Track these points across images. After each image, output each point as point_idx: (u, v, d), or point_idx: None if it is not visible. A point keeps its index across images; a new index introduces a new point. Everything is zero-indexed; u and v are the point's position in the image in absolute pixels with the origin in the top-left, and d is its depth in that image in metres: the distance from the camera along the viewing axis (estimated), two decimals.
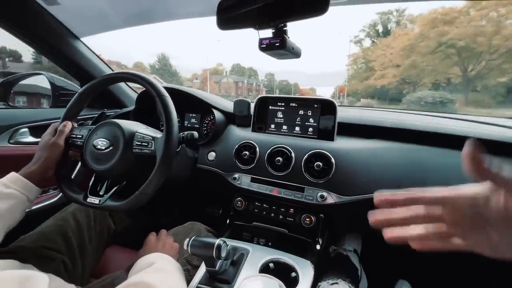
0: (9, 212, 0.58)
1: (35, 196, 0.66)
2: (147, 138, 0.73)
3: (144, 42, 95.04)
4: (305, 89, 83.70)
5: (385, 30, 29.49)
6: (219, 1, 0.74)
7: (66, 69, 1.10)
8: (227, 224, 0.97)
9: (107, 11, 1.03)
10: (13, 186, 0.61)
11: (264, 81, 72.15)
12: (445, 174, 0.77)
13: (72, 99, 0.80)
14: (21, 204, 0.61)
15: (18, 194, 0.61)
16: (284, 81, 77.20)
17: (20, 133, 0.97)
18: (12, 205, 0.59)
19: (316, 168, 0.83)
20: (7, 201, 0.58)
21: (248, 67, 72.73)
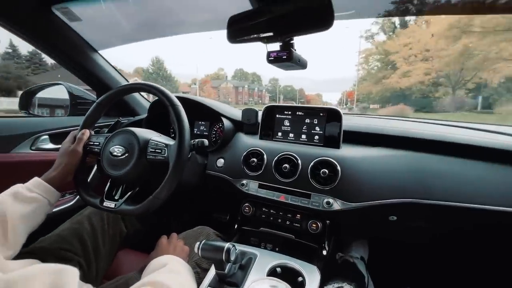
0: (32, 215, 0.62)
1: (56, 200, 0.70)
2: (160, 145, 0.77)
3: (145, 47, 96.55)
4: (311, 95, 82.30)
5: (402, 22, 23.62)
6: (229, 16, 0.78)
7: (84, 79, 1.17)
8: (235, 229, 0.99)
9: (124, 26, 1.09)
10: (36, 191, 0.65)
11: (268, 86, 71.41)
12: (450, 182, 0.79)
13: (91, 108, 0.85)
14: (43, 207, 0.65)
15: (40, 198, 0.65)
16: (289, 86, 76.26)
17: (41, 140, 1.02)
18: (35, 208, 0.63)
19: (322, 175, 0.85)
20: (31, 204, 0.63)
21: (252, 72, 72.22)
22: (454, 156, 0.83)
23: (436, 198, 0.77)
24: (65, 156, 0.75)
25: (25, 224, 0.61)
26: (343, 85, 69.39)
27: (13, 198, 0.61)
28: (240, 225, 1.00)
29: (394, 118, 1.23)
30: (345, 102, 45.43)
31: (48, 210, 0.68)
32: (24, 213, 0.60)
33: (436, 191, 0.78)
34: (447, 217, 0.82)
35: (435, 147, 0.85)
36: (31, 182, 0.66)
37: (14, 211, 0.59)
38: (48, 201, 0.66)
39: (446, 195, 0.77)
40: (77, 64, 1.08)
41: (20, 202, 0.61)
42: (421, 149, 0.87)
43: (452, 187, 0.78)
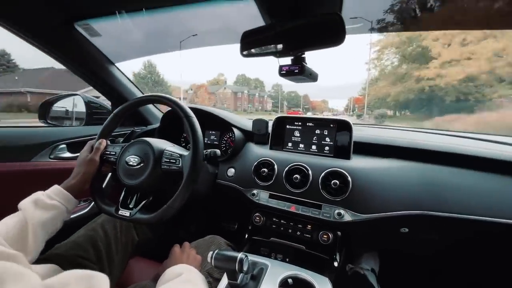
0: (51, 221, 0.65)
1: (73, 208, 0.72)
2: (175, 155, 0.79)
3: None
4: (316, 101, 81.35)
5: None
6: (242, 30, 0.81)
7: (101, 90, 1.22)
8: (245, 239, 1.00)
9: (139, 40, 1.15)
10: (56, 198, 0.67)
11: (271, 92, 70.20)
12: (463, 194, 0.78)
13: (108, 119, 0.88)
14: (61, 214, 0.68)
15: (59, 205, 0.67)
16: (293, 92, 74.67)
17: (59, 149, 1.06)
18: (54, 215, 0.65)
19: (333, 186, 0.86)
20: (50, 211, 0.65)
21: (254, 78, 71.19)
22: (466, 168, 0.82)
23: (448, 210, 0.76)
24: (83, 165, 0.77)
25: (45, 230, 0.63)
26: (350, 92, 68.34)
27: (34, 205, 0.63)
28: (251, 235, 1.00)
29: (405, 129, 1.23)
30: (352, 108, 43.98)
31: (65, 217, 0.70)
32: (44, 220, 0.62)
33: (448, 203, 0.77)
34: (460, 229, 0.81)
35: (446, 159, 0.85)
36: (51, 189, 0.69)
37: (35, 217, 0.61)
38: (66, 209, 0.69)
39: (458, 207, 0.76)
40: (95, 76, 1.12)
41: (40, 209, 0.63)
42: (432, 161, 0.87)
43: (464, 199, 0.77)
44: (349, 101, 53.85)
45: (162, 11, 0.87)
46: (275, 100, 67.31)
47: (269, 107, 62.04)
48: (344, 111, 56.29)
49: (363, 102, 37.54)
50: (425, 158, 0.88)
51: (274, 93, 70.62)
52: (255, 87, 67.15)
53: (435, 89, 14.34)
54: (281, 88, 71.87)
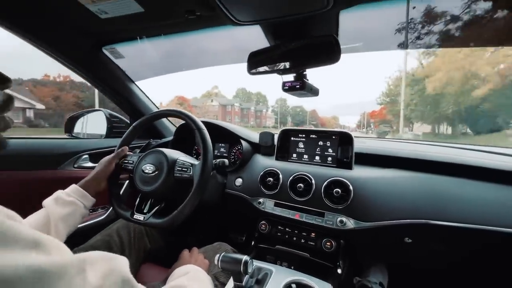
0: (70, 216, 0.71)
1: (90, 205, 0.79)
2: (187, 164, 0.86)
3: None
4: (326, 118, 77.14)
5: None
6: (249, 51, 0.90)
7: (122, 106, 1.33)
8: (251, 246, 1.03)
9: (158, 61, 1.27)
10: (73, 195, 0.75)
11: (274, 107, 67.15)
12: (464, 204, 0.80)
13: (127, 131, 0.97)
14: (79, 210, 0.74)
15: (77, 202, 0.74)
16: (298, 107, 69.79)
17: (82, 159, 1.16)
18: (72, 211, 0.72)
19: (335, 195, 0.89)
20: (69, 206, 0.72)
21: (256, 92, 67.85)
22: (467, 178, 0.84)
23: (450, 219, 0.78)
24: (100, 165, 0.86)
25: (65, 223, 0.69)
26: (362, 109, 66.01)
27: (54, 202, 0.71)
28: (257, 243, 1.03)
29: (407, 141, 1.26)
30: (365, 124, 41.13)
31: (84, 213, 0.76)
32: (64, 214, 0.70)
33: (449, 213, 0.79)
34: (463, 239, 0.81)
35: (447, 169, 0.88)
36: (70, 188, 0.77)
37: (56, 212, 0.68)
38: (83, 205, 0.75)
39: (460, 217, 0.78)
40: (117, 93, 1.24)
41: (60, 205, 0.71)
42: (433, 171, 0.90)
43: (466, 209, 0.79)
44: (361, 117, 50.24)
45: (178, 35, 0.98)
46: (280, 116, 63.45)
47: (270, 123, 58.00)
48: (357, 127, 53.76)
49: (380, 115, 33.67)
50: (427, 168, 0.91)
51: (277, 108, 67.22)
52: (257, 102, 64.04)
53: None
54: (285, 102, 68.29)
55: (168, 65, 1.34)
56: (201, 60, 1.29)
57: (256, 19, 0.76)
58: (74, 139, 1.34)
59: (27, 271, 0.24)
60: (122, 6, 0.74)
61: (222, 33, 0.95)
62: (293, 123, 65.99)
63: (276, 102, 71.15)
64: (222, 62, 1.25)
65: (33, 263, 0.25)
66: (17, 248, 0.25)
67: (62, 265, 0.27)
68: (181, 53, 1.18)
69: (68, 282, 0.27)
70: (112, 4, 0.73)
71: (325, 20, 0.77)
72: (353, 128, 53.34)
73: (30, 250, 0.26)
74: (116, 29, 0.93)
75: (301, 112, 69.86)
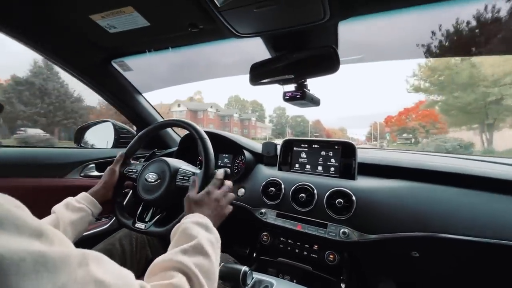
0: (79, 222, 0.73)
1: (98, 212, 0.80)
2: (188, 173, 0.87)
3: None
4: (332, 129, 71.39)
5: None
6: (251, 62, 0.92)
7: (129, 116, 1.37)
8: (253, 258, 1.01)
9: (164, 73, 1.32)
10: (83, 202, 0.77)
11: (272, 117, 62.22)
12: (471, 215, 0.76)
13: (133, 140, 0.99)
14: (87, 217, 0.76)
15: (86, 208, 0.76)
16: (299, 117, 61.92)
17: (88, 168, 1.19)
18: (81, 216, 0.74)
19: (338, 205, 0.87)
20: (78, 213, 0.74)
21: (252, 100, 62.13)
22: (475, 189, 0.81)
23: (457, 232, 0.75)
24: (106, 175, 0.88)
25: (73, 229, 0.71)
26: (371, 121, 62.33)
27: (65, 207, 0.73)
28: (258, 255, 1.01)
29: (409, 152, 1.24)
30: (376, 135, 35.03)
31: (91, 220, 0.78)
32: (73, 220, 0.71)
33: (456, 225, 0.76)
34: (474, 254, 0.77)
35: (454, 180, 0.85)
36: (80, 195, 0.79)
37: (65, 217, 0.70)
38: (91, 212, 0.77)
39: (469, 230, 0.74)
40: (125, 104, 1.28)
41: (70, 211, 0.73)
42: (440, 182, 0.87)
43: (475, 221, 0.75)
44: (371, 128, 44.22)
45: (183, 48, 1.02)
46: (278, 126, 57.90)
47: (262, 134, 49.82)
48: (367, 140, 49.02)
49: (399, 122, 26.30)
50: (432, 179, 0.88)
51: (276, 118, 61.96)
52: (252, 111, 58.24)
53: None
54: (284, 112, 61.82)
55: (174, 77, 1.38)
56: (206, 72, 1.33)
57: (256, 32, 0.79)
58: (81, 148, 1.38)
59: (29, 255, 0.25)
60: (130, 21, 0.78)
61: (225, 45, 0.98)
62: (293, 134, 59.59)
63: (274, 111, 65.02)
64: (227, 74, 1.28)
65: (36, 250, 0.26)
66: (23, 235, 0.26)
67: (65, 255, 0.28)
68: (187, 65, 1.22)
69: (69, 273, 0.28)
70: (120, 19, 0.77)
71: (324, 31, 0.79)
72: (363, 141, 49.70)
73: (35, 239, 0.27)
74: (124, 43, 0.97)
75: (302, 123, 61.44)
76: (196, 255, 0.51)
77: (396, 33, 0.93)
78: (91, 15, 0.76)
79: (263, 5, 0.64)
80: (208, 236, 0.57)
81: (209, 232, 0.59)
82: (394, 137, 28.35)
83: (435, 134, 21.63)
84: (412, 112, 28.04)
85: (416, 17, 0.73)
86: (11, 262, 0.23)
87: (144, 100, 1.35)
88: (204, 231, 0.58)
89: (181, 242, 0.54)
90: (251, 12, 0.67)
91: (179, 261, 0.47)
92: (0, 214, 0.25)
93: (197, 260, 0.49)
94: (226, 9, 0.67)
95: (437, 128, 23.26)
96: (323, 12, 0.66)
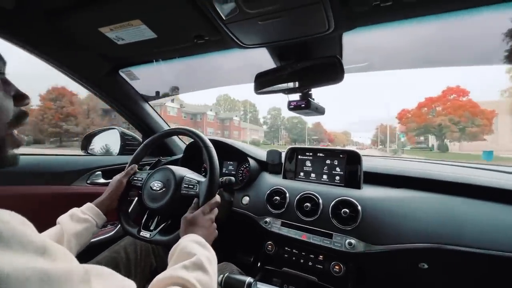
0: (83, 233, 0.73)
1: (102, 223, 0.81)
2: (193, 181, 0.87)
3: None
4: (335, 133, 67.74)
5: None
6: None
7: (135, 124, 1.39)
8: (258, 267, 1.00)
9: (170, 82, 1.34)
10: (88, 213, 0.77)
11: (266, 118, 58.21)
12: (482, 227, 0.75)
13: (139, 148, 1.01)
14: (92, 227, 0.76)
15: (90, 219, 0.76)
16: (296, 118, 54.74)
17: (95, 175, 1.20)
18: (85, 227, 0.74)
19: (343, 215, 0.87)
20: (83, 224, 0.74)
21: (243, 100, 57.89)
22: (484, 200, 0.80)
23: (467, 244, 0.73)
24: (112, 185, 0.88)
25: (77, 240, 0.71)
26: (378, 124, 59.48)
27: (70, 218, 0.73)
28: (263, 264, 1.00)
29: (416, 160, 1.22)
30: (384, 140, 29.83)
31: (95, 231, 0.78)
32: (77, 231, 0.72)
33: (466, 236, 0.74)
34: (483, 267, 0.75)
35: (462, 190, 0.83)
36: (85, 206, 0.80)
37: (70, 228, 0.71)
38: (96, 223, 0.77)
39: (477, 241, 0.72)
40: (131, 112, 1.31)
41: (74, 222, 0.73)
42: (447, 192, 0.86)
43: (484, 233, 0.73)
44: (378, 131, 40.42)
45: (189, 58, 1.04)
46: (273, 128, 53.11)
47: (258, 137, 46.45)
48: (372, 144, 47.74)
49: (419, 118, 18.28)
50: (440, 188, 0.87)
51: (271, 119, 56.95)
52: (244, 111, 54.38)
53: None
54: (280, 112, 56.53)
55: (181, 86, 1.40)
56: (210, 81, 1.34)
57: (261, 43, 0.80)
58: (88, 155, 1.40)
59: (34, 274, 0.25)
60: (137, 33, 0.80)
61: (230, 54, 0.99)
62: (290, 137, 54.49)
63: (269, 112, 59.23)
64: (231, 83, 1.30)
65: (40, 268, 0.26)
66: (28, 252, 0.27)
67: (67, 271, 0.29)
68: (193, 74, 1.24)
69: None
70: (128, 31, 0.79)
71: (328, 42, 0.80)
72: (368, 146, 47.27)
73: (39, 256, 0.28)
74: (131, 53, 1.00)
75: (299, 124, 56.58)
76: (196, 271, 0.52)
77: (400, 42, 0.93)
78: (100, 28, 0.78)
79: (268, 18, 0.65)
80: (206, 253, 0.59)
81: (206, 250, 0.61)
82: (411, 139, 20.05)
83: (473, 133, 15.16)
84: (439, 102, 19.17)
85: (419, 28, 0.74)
86: (17, 281, 0.24)
87: (150, 108, 1.37)
88: (202, 248, 0.60)
89: (180, 259, 0.55)
90: (255, 24, 0.68)
91: (180, 277, 0.48)
92: (6, 233, 0.26)
93: (197, 275, 0.50)
94: (231, 22, 0.68)
95: (477, 125, 15.47)
96: (327, 24, 0.66)
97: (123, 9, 0.71)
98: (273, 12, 0.63)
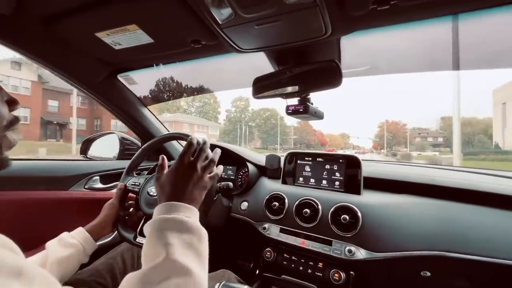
0: (67, 259, 0.68)
1: (91, 250, 0.76)
2: None
3: None
4: (332, 135, 61.30)
5: None
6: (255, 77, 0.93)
7: (134, 129, 1.38)
8: (256, 274, 0.98)
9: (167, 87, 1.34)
10: (77, 238, 0.73)
11: (230, 111, 44.05)
12: (486, 234, 0.73)
13: (136, 153, 1.00)
14: (78, 254, 0.71)
15: (78, 245, 0.72)
16: (267, 111, 40.85)
17: (92, 180, 1.19)
18: (72, 253, 0.69)
19: (343, 221, 0.85)
20: (69, 249, 0.69)
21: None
22: (487, 206, 0.78)
23: (471, 251, 0.71)
24: (106, 208, 0.85)
25: (59, 268, 0.66)
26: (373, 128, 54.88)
27: (58, 242, 0.70)
28: (262, 271, 0.99)
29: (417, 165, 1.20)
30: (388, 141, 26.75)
31: (82, 259, 0.73)
32: (62, 257, 0.67)
33: (470, 244, 0.72)
34: (487, 276, 0.73)
35: (464, 196, 0.82)
36: (75, 230, 0.76)
37: (55, 253, 0.67)
38: (84, 249, 0.73)
39: (482, 249, 0.70)
40: (130, 117, 1.30)
41: (61, 246, 0.69)
42: (450, 198, 0.84)
43: (488, 240, 0.71)
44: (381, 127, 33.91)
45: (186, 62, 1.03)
46: (236, 126, 39.42)
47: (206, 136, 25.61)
48: (374, 147, 44.53)
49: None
50: (442, 194, 0.85)
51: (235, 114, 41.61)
52: (201, 102, 41.18)
53: None
54: (248, 103, 41.14)
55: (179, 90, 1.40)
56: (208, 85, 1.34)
57: (258, 47, 0.79)
58: (87, 160, 1.39)
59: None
60: (134, 38, 0.80)
61: (228, 59, 0.99)
62: (260, 137, 40.96)
63: (233, 103, 42.12)
64: (229, 87, 1.29)
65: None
66: (1, 275, 0.25)
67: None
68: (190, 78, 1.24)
69: None
70: (125, 36, 0.79)
71: (326, 46, 0.79)
72: (369, 150, 44.40)
73: (13, 279, 0.26)
74: (129, 58, 0.99)
75: (274, 121, 41.08)
76: (165, 281, 0.40)
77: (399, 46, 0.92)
78: (97, 33, 0.78)
79: (264, 22, 0.65)
80: (184, 239, 0.45)
81: (185, 232, 0.46)
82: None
83: None
84: None
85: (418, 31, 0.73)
86: None
87: (149, 112, 1.36)
88: (177, 233, 0.46)
89: (148, 256, 0.46)
90: (252, 28, 0.68)
91: None
92: None
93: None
94: (228, 26, 0.68)
95: None
96: (324, 28, 0.66)
97: (119, 14, 0.70)
98: (269, 17, 0.63)
